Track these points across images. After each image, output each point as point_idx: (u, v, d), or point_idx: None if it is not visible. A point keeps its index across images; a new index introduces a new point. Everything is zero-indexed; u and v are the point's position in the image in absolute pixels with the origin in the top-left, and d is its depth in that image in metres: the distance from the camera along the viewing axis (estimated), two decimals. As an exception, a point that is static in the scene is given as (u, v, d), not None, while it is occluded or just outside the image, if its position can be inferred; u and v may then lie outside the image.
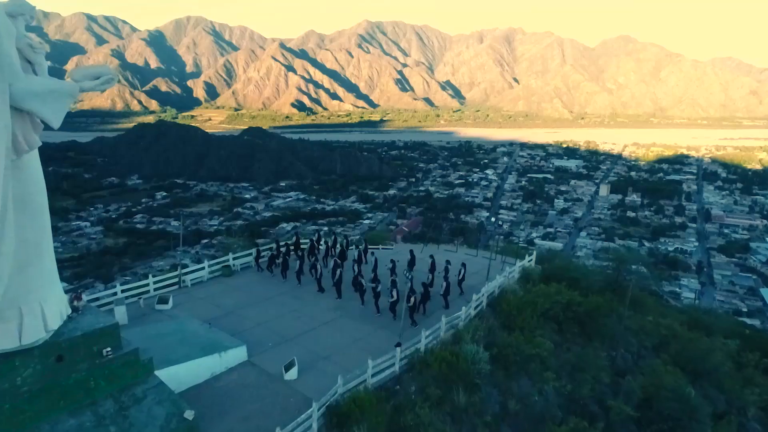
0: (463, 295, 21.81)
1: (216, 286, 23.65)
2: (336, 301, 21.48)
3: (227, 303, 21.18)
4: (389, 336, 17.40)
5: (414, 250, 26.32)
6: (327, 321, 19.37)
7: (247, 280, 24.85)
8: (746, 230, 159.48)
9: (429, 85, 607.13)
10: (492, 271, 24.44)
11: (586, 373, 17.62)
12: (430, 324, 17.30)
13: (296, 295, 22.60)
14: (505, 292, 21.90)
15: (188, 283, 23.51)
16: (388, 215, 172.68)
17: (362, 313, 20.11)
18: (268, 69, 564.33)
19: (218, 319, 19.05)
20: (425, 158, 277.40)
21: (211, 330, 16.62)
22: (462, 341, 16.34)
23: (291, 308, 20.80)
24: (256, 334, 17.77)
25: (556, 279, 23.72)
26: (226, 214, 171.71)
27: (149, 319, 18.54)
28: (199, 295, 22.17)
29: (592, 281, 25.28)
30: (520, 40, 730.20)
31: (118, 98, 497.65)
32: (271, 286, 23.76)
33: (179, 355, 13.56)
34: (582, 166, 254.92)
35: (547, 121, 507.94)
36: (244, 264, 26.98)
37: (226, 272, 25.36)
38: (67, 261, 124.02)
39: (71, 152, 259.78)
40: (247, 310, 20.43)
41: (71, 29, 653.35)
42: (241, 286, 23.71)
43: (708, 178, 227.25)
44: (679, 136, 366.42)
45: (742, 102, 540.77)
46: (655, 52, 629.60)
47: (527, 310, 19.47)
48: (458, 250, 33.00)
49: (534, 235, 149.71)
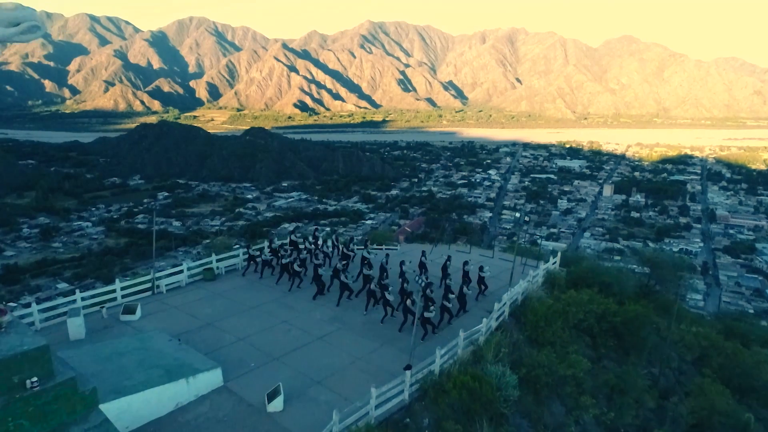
0: (480, 303, 19.25)
1: (195, 292, 21.15)
2: (333, 311, 18.96)
3: (206, 312, 18.70)
4: (396, 354, 14.92)
5: (425, 251, 23.56)
6: (322, 335, 16.81)
7: (232, 285, 22.29)
8: (751, 231, 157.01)
9: (431, 86, 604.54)
10: (510, 275, 21.79)
11: (627, 396, 14.98)
12: (445, 339, 14.72)
13: (287, 303, 19.95)
14: (529, 299, 19.15)
15: (163, 289, 20.89)
16: (390, 215, 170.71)
17: (364, 325, 17.61)
18: (271, 69, 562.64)
19: (193, 332, 16.59)
20: (428, 158, 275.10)
21: (180, 347, 13.98)
22: (484, 360, 13.74)
23: (280, 319, 18.23)
24: (236, 351, 15.20)
25: (584, 284, 21.12)
26: (228, 214, 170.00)
27: (110, 333, 15.99)
28: (174, 303, 19.62)
29: (625, 287, 22.42)
30: (522, 40, 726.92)
31: (121, 99, 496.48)
32: (259, 292, 21.28)
33: (136, 382, 10.96)
34: (585, 166, 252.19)
35: (549, 121, 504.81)
36: (229, 266, 24.32)
37: (208, 276, 22.76)
38: (67, 261, 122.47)
39: (73, 152, 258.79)
40: (228, 321, 17.94)
41: (74, 30, 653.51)
42: (224, 292, 21.21)
43: (712, 178, 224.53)
44: (683, 137, 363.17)
45: (746, 102, 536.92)
46: (659, 52, 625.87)
47: (557, 321, 16.94)
48: (471, 251, 30.20)
49: (537, 235, 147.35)
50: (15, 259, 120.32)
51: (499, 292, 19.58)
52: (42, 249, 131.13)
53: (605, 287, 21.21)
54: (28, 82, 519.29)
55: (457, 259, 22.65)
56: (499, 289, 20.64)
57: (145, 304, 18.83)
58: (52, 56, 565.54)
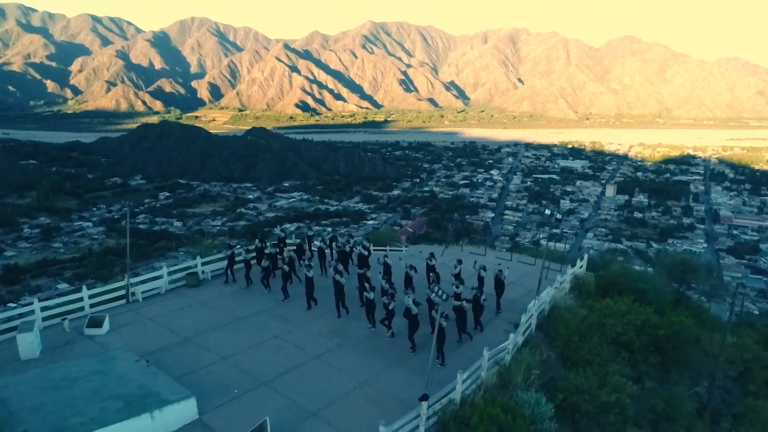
0: (501, 313, 17.12)
1: (175, 300, 18.98)
2: (333, 323, 16.80)
3: (185, 325, 16.53)
4: (408, 377, 12.76)
5: (433, 253, 21.33)
6: (320, 353, 14.64)
7: (218, 292, 20.05)
8: (755, 231, 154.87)
9: (433, 86, 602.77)
10: (532, 280, 19.58)
11: (676, 424, 12.91)
12: (464, 358, 12.59)
13: (280, 313, 17.73)
14: (557, 309, 16.89)
15: (139, 297, 18.81)
16: (392, 216, 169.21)
17: (369, 340, 15.47)
18: (272, 70, 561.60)
19: (168, 350, 14.56)
20: (429, 159, 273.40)
21: (148, 370, 11.70)
22: (512, 384, 11.54)
23: (271, 333, 16.04)
24: (217, 373, 13.03)
25: (614, 290, 18.95)
26: (229, 214, 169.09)
27: (71, 351, 13.83)
28: (150, 314, 17.49)
29: (662, 294, 20.11)
30: (524, 40, 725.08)
31: (123, 99, 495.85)
32: (248, 300, 19.06)
33: (86, 419, 8.75)
34: (588, 166, 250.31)
35: (551, 121, 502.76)
36: (216, 271, 22.00)
37: (191, 282, 20.54)
38: (68, 262, 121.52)
39: (75, 152, 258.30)
40: (211, 335, 15.82)
41: (76, 30, 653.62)
42: (208, 300, 19.08)
43: (715, 178, 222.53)
44: (686, 137, 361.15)
45: (748, 102, 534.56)
46: (661, 52, 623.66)
47: (594, 335, 14.89)
48: (487, 253, 27.75)
49: (540, 236, 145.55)
50: (15, 260, 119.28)
51: (521, 301, 17.38)
52: (42, 249, 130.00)
53: (639, 294, 18.88)
54: (30, 82, 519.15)
55: (471, 263, 20.46)
56: (522, 297, 18.41)
57: (116, 314, 16.90)
58: (54, 56, 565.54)
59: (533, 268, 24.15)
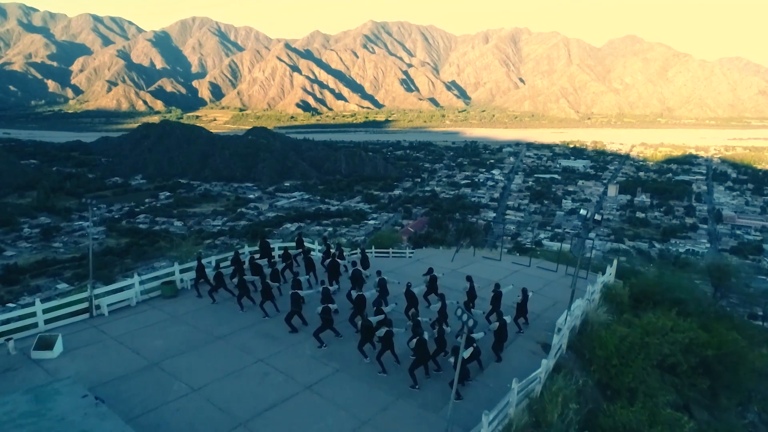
0: (523, 333, 15.08)
1: (147, 314, 16.69)
2: (329, 345, 14.56)
3: (154, 346, 14.17)
4: (418, 413, 10.76)
5: (432, 268, 18.68)
6: (312, 382, 12.35)
7: (196, 304, 17.77)
8: (759, 231, 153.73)
9: (434, 86, 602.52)
10: (555, 289, 17.37)
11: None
12: (486, 389, 10.76)
13: (267, 331, 15.39)
14: (589, 324, 14.74)
15: (104, 311, 16.50)
16: (393, 216, 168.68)
17: (372, 365, 13.27)
18: (273, 69, 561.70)
19: (128, 378, 12.24)
20: (431, 158, 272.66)
21: (96, 410, 9.32)
22: (546, 422, 9.79)
23: (255, 356, 13.71)
24: (185, 411, 10.81)
25: (649, 301, 17.07)
26: (230, 214, 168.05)
27: (8, 381, 11.55)
28: (114, 331, 15.19)
29: (705, 305, 18.09)
30: (525, 40, 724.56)
31: (124, 99, 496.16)
32: (230, 315, 16.75)
33: None
34: (589, 166, 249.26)
35: (553, 121, 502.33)
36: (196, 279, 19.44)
37: (167, 292, 18.09)
38: (68, 262, 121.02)
39: (75, 152, 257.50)
40: (184, 359, 13.41)
41: (78, 30, 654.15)
42: (184, 314, 16.75)
43: (718, 178, 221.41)
44: (688, 136, 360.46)
45: (750, 102, 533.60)
46: (663, 52, 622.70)
47: (637, 357, 12.75)
48: (502, 258, 25.05)
49: (542, 236, 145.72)
50: (15, 259, 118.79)
51: (547, 315, 15.33)
52: (42, 249, 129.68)
53: (677, 305, 16.96)
54: (32, 82, 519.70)
55: (485, 270, 18.17)
56: (547, 311, 16.21)
57: (75, 332, 14.55)
58: (55, 56, 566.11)
59: (555, 276, 22.02)
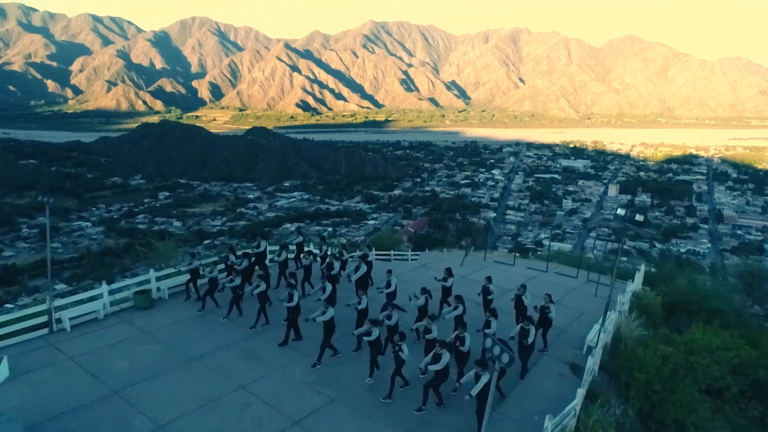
0: (547, 351, 13.72)
1: (115, 329, 14.68)
2: (322, 366, 12.71)
3: (118, 369, 12.31)
4: None
5: (450, 268, 16.90)
6: (302, 416, 10.49)
7: (173, 317, 15.72)
8: (759, 231, 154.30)
9: (434, 85, 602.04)
10: (578, 299, 15.82)
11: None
12: (509, 421, 9.69)
13: (251, 349, 13.51)
14: (621, 340, 13.34)
15: (66, 325, 14.53)
16: (393, 216, 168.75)
17: (374, 392, 11.40)
18: (273, 69, 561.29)
19: (83, 411, 10.45)
20: (431, 158, 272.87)
21: None
22: None
23: (235, 382, 11.81)
24: None
25: (683, 311, 15.69)
26: (230, 214, 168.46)
27: None
28: (75, 350, 13.29)
29: (746, 316, 16.65)
30: (525, 40, 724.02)
31: (123, 99, 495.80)
32: (210, 330, 14.77)
33: None
34: (590, 166, 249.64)
35: (553, 121, 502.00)
36: (175, 288, 17.59)
37: (140, 303, 16.30)
38: (66, 262, 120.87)
39: (74, 152, 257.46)
40: (150, 386, 11.52)
41: (77, 30, 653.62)
42: (157, 329, 14.76)
43: (718, 178, 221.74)
44: (688, 136, 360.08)
45: (750, 102, 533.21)
46: (663, 52, 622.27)
47: (682, 382, 11.07)
48: (516, 263, 23.32)
49: (543, 236, 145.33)
50: (13, 260, 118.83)
51: (572, 329, 13.91)
52: (41, 249, 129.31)
53: (714, 316, 15.20)
54: (31, 82, 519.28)
55: (498, 276, 16.55)
56: (572, 324, 14.61)
57: (27, 353, 12.69)
58: (54, 56, 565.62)
59: (576, 282, 20.39)
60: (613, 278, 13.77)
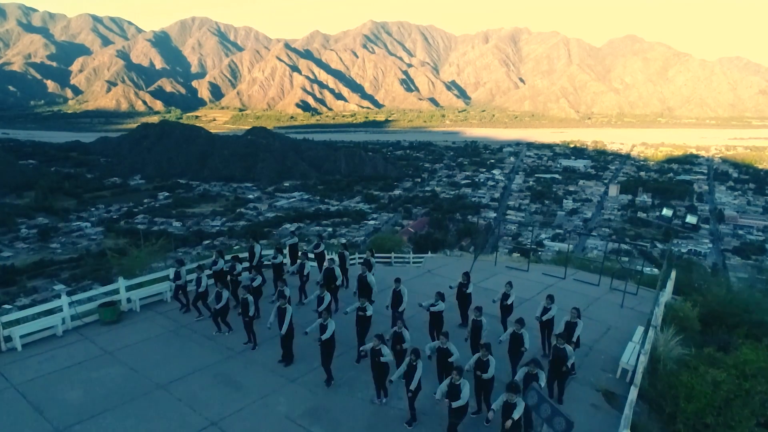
0: (575, 375, 11.94)
1: (73, 348, 12.66)
2: (314, 396, 10.85)
3: (69, 400, 10.34)
4: None
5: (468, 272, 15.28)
6: None
7: (142, 333, 13.69)
8: (761, 231, 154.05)
9: (434, 85, 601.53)
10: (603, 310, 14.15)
11: None
12: None
13: (229, 374, 11.62)
14: (660, 361, 11.74)
15: (17, 344, 12.60)
16: (393, 216, 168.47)
17: (372, 428, 9.75)
18: (273, 69, 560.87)
19: None
20: (431, 158, 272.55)
21: None
22: None
23: (205, 417, 9.97)
24: None
25: (723, 325, 13.87)
26: (229, 214, 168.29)
27: None
28: (21, 375, 11.31)
29: None
30: (525, 39, 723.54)
31: (123, 99, 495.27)
32: (182, 349, 12.89)
33: None
34: (590, 166, 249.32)
35: (553, 121, 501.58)
36: (147, 298, 15.59)
37: (106, 316, 14.26)
38: (65, 262, 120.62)
39: (74, 152, 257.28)
40: (103, 423, 9.64)
41: (77, 30, 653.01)
42: (121, 348, 12.72)
43: (719, 178, 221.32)
44: (688, 136, 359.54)
45: (751, 102, 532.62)
46: (663, 52, 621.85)
47: (739, 413, 9.42)
48: (530, 269, 21.09)
49: (543, 236, 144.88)
50: (12, 260, 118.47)
51: (600, 347, 12.25)
52: (40, 249, 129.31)
53: (759, 329, 13.38)
54: (31, 82, 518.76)
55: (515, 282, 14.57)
56: (599, 341, 12.93)
57: None
58: (54, 56, 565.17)
59: (598, 291, 18.41)
60: (658, 293, 12.04)
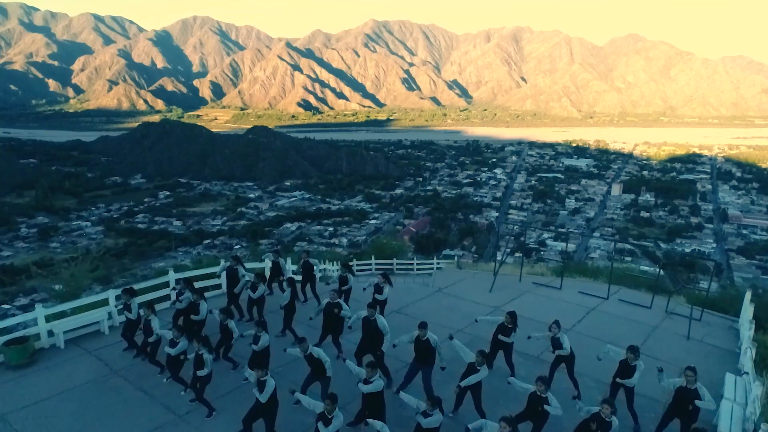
0: None
1: None
2: None
3: None
4: None
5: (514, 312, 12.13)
6: None
7: (60, 383, 9.98)
8: (765, 231, 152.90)
9: (436, 85, 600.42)
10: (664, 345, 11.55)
11: None
12: None
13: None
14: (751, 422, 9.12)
15: None
16: (394, 215, 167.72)
17: None
18: (275, 68, 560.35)
19: None
20: (432, 157, 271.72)
21: None
22: None
23: None
24: None
25: None
26: (230, 213, 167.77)
27: None
28: None
29: None
30: (527, 38, 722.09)
31: (124, 98, 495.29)
32: (114, 404, 9.42)
33: None
34: (592, 165, 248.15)
35: (555, 120, 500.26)
36: (77, 330, 11.61)
37: (13, 358, 10.56)
38: (65, 262, 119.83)
39: (75, 151, 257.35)
40: None
41: (78, 29, 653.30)
42: (20, 411, 9.16)
43: (722, 177, 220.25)
44: (691, 135, 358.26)
45: (753, 101, 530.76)
46: (665, 51, 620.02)
47: None
48: (563, 286, 17.35)
49: (545, 236, 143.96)
50: (12, 260, 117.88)
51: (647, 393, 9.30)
52: (39, 249, 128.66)
53: None
54: (32, 81, 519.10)
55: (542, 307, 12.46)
56: (652, 389, 9.66)
57: None
58: (56, 56, 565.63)
59: (652, 316, 14.66)
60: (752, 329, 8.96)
